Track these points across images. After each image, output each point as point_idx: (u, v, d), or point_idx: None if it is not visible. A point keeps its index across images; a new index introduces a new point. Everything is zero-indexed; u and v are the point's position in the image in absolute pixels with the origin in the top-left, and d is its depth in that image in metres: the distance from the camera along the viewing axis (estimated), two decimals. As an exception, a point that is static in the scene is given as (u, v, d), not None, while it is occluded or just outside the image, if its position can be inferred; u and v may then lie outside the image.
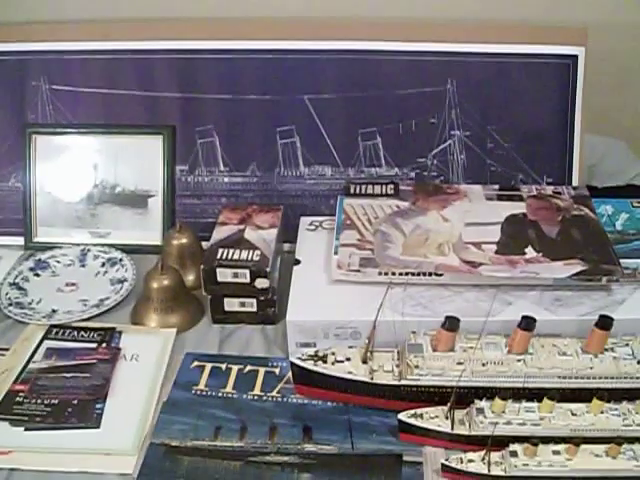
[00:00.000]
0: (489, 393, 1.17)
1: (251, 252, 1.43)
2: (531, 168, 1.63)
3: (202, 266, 1.41)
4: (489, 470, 1.10)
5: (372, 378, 1.22)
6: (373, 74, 1.62)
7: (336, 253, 1.40)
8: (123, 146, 1.68)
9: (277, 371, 1.34)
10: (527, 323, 1.20)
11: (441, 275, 1.34)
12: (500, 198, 1.52)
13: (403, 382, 1.20)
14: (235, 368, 1.35)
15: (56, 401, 1.28)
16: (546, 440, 1.12)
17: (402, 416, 1.18)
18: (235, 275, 1.40)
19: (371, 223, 1.46)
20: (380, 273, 1.36)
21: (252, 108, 1.64)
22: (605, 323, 1.20)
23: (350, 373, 1.23)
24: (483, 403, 1.16)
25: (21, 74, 1.69)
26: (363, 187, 1.56)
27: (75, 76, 1.67)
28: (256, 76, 1.63)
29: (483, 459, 1.11)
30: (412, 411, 1.18)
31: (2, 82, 1.70)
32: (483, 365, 1.19)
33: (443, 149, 1.64)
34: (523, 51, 1.60)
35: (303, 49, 1.62)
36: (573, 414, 1.15)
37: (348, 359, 1.25)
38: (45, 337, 1.43)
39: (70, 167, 1.70)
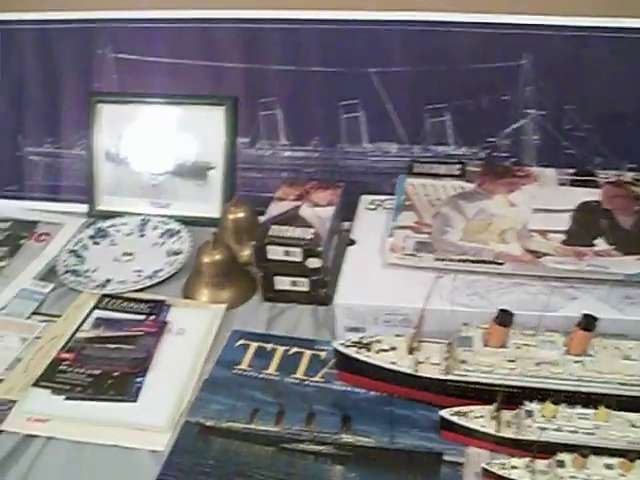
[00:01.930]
0: (541, 395, 1.08)
1: (304, 230, 1.37)
2: (611, 152, 1.51)
3: (253, 242, 1.38)
4: (533, 479, 1.01)
5: (416, 370, 1.15)
6: (443, 47, 1.53)
7: (391, 235, 1.33)
8: (185, 116, 1.66)
9: (323, 355, 1.29)
10: (587, 322, 1.10)
11: (501, 264, 1.26)
12: (573, 183, 1.41)
13: (449, 377, 1.13)
14: (281, 349, 1.31)
15: (98, 372, 1.27)
16: (599, 451, 1.02)
17: (444, 413, 1.11)
18: (286, 253, 1.36)
19: (432, 205, 1.39)
20: (436, 259, 1.28)
21: (316, 80, 1.59)
22: (676, 326, 1.11)
23: (393, 364, 1.16)
24: (533, 406, 1.07)
25: (87, 42, 1.69)
26: (427, 166, 1.49)
27: (140, 45, 1.66)
28: (321, 47, 1.58)
29: (528, 466, 1.03)
30: (456, 408, 1.11)
31: (68, 50, 1.70)
32: (536, 365, 1.11)
33: (516, 129, 1.54)
34: (606, 24, 1.46)
35: (369, 19, 1.54)
36: (632, 425, 1.05)
37: (393, 348, 1.18)
38: (96, 306, 1.43)
39: (134, 136, 1.70)
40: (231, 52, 1.62)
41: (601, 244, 1.28)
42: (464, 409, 1.12)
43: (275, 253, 1.36)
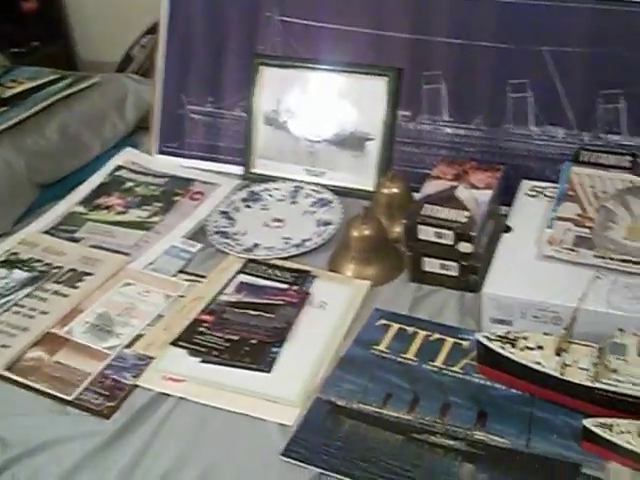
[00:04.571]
0: (698, 416, 1.00)
1: (459, 212, 1.32)
2: None
3: (404, 220, 1.34)
4: (679, 506, 0.95)
5: (562, 374, 1.08)
6: (625, 28, 1.42)
7: (550, 227, 1.26)
8: (347, 85, 1.63)
9: (465, 344, 1.23)
10: None
11: (667, 269, 1.17)
12: None
13: (597, 385, 1.05)
14: (422, 334, 1.26)
15: (236, 337, 1.27)
16: None
17: (588, 423, 1.03)
18: (438, 235, 1.31)
19: (597, 197, 1.30)
20: (596, 256, 1.20)
21: (484, 56, 1.52)
22: None
23: (538, 364, 1.09)
24: (688, 428, 0.99)
25: (254, 4, 1.68)
26: (596, 155, 1.39)
27: (306, 9, 1.64)
28: (492, 21, 1.50)
29: (675, 492, 0.96)
30: (601, 419, 1.03)
31: (235, 11, 1.71)
32: (696, 383, 1.02)
33: (698, 121, 1.42)
34: None
35: (547, -5, 1.46)
36: None
37: (540, 347, 1.11)
38: (241, 271, 1.43)
39: (293, 102, 1.68)
40: (397, 21, 1.57)
41: None
42: (609, 421, 1.04)
43: (426, 233, 1.32)
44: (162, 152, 1.80)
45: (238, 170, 1.71)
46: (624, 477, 1.00)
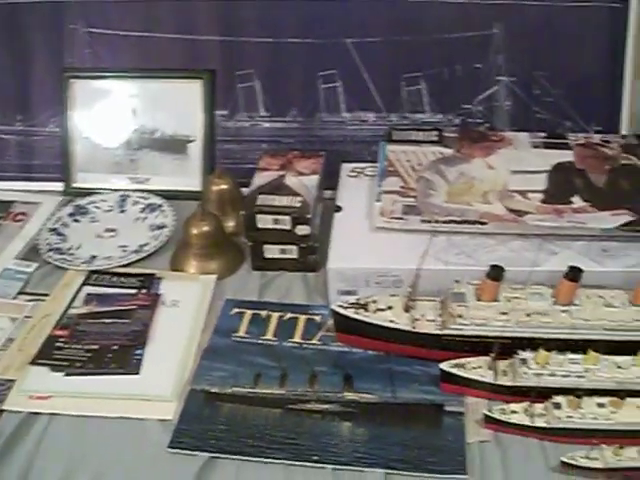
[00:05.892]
0: (533, 344, 1.14)
1: (292, 198, 1.41)
2: (579, 116, 1.58)
3: (242, 212, 1.40)
4: (532, 422, 1.09)
5: (414, 327, 1.20)
6: (418, 17, 1.57)
7: (379, 200, 1.38)
8: (162, 91, 1.66)
9: (318, 319, 1.33)
10: (574, 274, 1.17)
11: (485, 224, 1.32)
12: (547, 146, 1.47)
13: (445, 332, 1.18)
14: (275, 315, 1.34)
15: (96, 347, 1.28)
16: (590, 393, 1.09)
17: (444, 366, 1.16)
18: (276, 221, 1.39)
19: (414, 170, 1.43)
20: (423, 221, 1.33)
21: (293, 52, 1.61)
22: (654, 275, 1.17)
23: (392, 322, 1.21)
24: (527, 354, 1.13)
25: (58, 17, 1.66)
26: (406, 133, 1.53)
27: (113, 19, 1.65)
28: (298, 19, 1.60)
29: (526, 410, 1.10)
30: (454, 361, 1.17)
31: (39, 25, 1.67)
32: (527, 315, 1.17)
33: (488, 95, 1.60)
34: (572, -6, 1.54)
35: (343, -9, 1.58)
36: (619, 367, 1.12)
37: (390, 307, 1.23)
38: (85, 283, 1.43)
39: (109, 112, 1.69)
40: (206, 25, 1.62)
41: (577, 201, 1.35)
42: (462, 361, 1.17)
43: (264, 222, 1.39)
44: (-27, 177, 1.74)
45: (58, 187, 1.69)
46: (481, 407, 1.13)
